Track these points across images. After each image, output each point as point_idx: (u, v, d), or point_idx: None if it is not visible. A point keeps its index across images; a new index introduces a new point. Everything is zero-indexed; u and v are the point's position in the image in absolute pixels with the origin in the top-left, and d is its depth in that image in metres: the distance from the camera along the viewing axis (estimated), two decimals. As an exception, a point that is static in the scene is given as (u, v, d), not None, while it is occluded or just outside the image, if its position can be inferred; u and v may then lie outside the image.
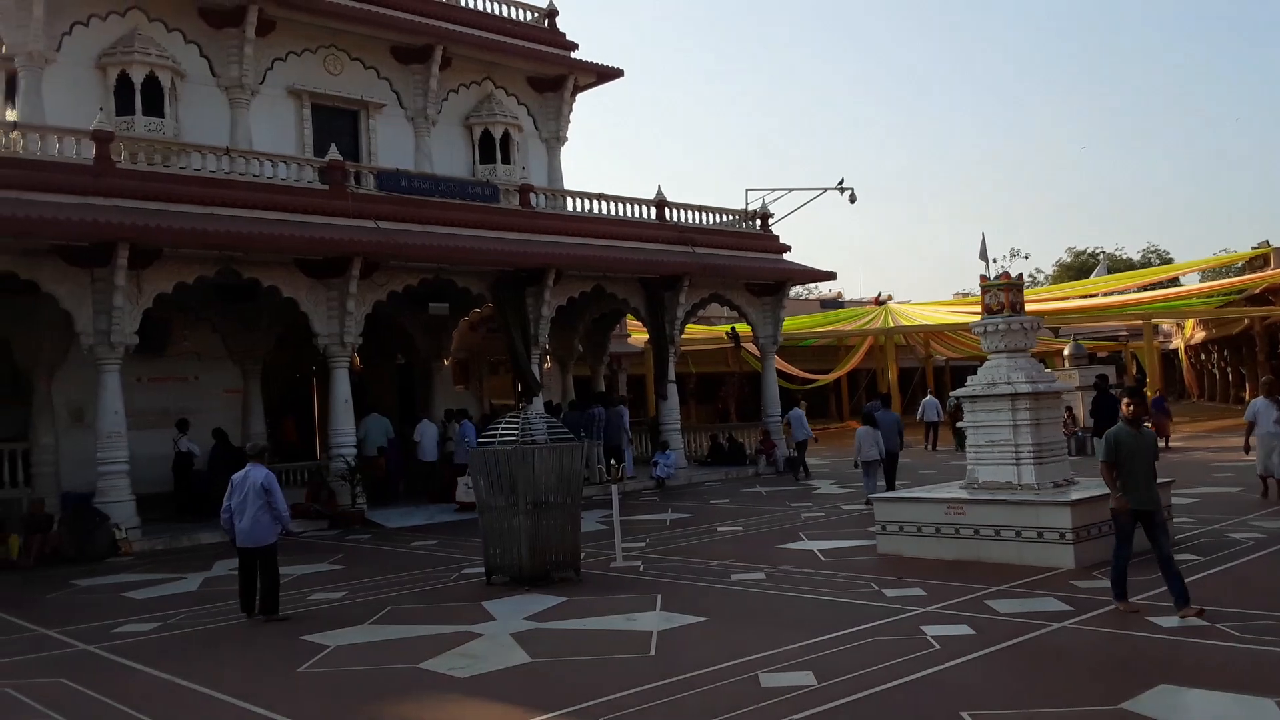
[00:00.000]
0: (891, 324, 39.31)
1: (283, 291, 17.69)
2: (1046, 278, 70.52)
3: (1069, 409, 23.60)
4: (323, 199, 18.62)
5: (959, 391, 11.92)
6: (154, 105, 19.32)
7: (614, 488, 12.85)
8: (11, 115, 18.47)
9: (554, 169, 26.32)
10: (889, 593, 9.37)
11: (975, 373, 11.94)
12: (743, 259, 25.28)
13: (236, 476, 9.94)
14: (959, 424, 12.59)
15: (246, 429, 20.30)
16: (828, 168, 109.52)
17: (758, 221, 26.67)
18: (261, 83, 21.15)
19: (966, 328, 29.30)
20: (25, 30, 18.31)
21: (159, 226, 15.74)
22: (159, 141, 18.21)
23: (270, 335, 20.70)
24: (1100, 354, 40.40)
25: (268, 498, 9.71)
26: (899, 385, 39.45)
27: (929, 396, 30.43)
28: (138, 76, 19.13)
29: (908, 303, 46.46)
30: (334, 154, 19.21)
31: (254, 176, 18.14)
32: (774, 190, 28.39)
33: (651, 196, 24.22)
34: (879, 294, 48.02)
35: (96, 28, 19.23)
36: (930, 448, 28.21)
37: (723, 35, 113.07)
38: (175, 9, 20.02)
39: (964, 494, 11.30)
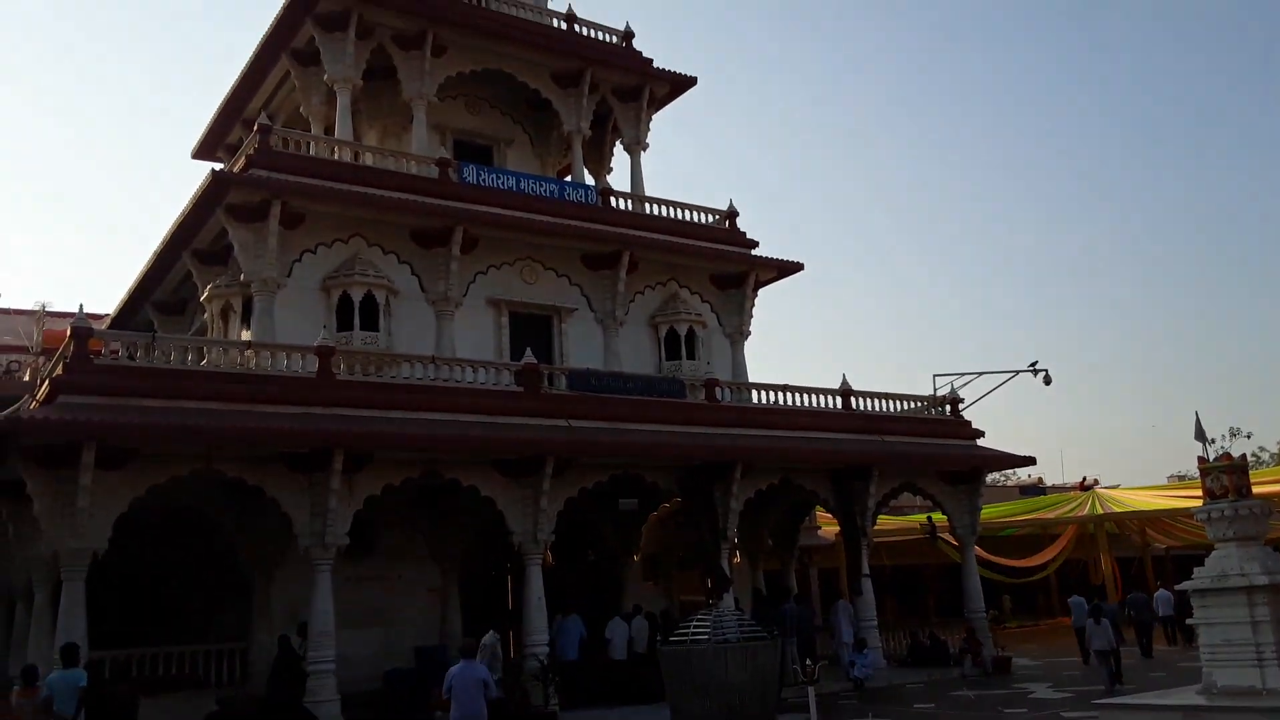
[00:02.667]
0: (1100, 510, 36.97)
1: (481, 491, 18.43)
2: (1272, 457, 65.16)
3: (1315, 602, 21.37)
4: (518, 400, 19.57)
5: (1186, 585, 11.02)
6: (370, 320, 20.99)
7: (810, 689, 12.35)
8: (246, 335, 20.44)
9: (738, 362, 26.73)
10: (1124, 814, 8.48)
11: (1201, 563, 11.05)
12: (933, 446, 24.68)
13: (454, 671, 10.44)
14: (1189, 620, 11.57)
15: (445, 627, 20.74)
16: (1019, 349, 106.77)
17: (947, 407, 26.12)
18: (464, 295, 22.70)
19: (1187, 514, 27.36)
20: (261, 260, 20.45)
21: (372, 432, 16.87)
22: (373, 354, 19.72)
23: (468, 534, 21.35)
24: (1345, 540, 36.55)
25: (486, 691, 10.24)
26: (1115, 577, 36.74)
27: (1161, 590, 29.01)
28: (357, 295, 20.92)
29: (1116, 487, 43.73)
30: (529, 357, 20.26)
31: (456, 382, 19.34)
32: (962, 375, 27.72)
33: (836, 385, 24.21)
34: (1084, 478, 45.46)
35: (323, 254, 21.28)
36: (1176, 643, 26.62)
37: (902, 221, 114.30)
38: (391, 234, 21.99)
39: (1201, 700, 10.28)
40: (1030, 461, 27.00)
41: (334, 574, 16.99)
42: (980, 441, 25.87)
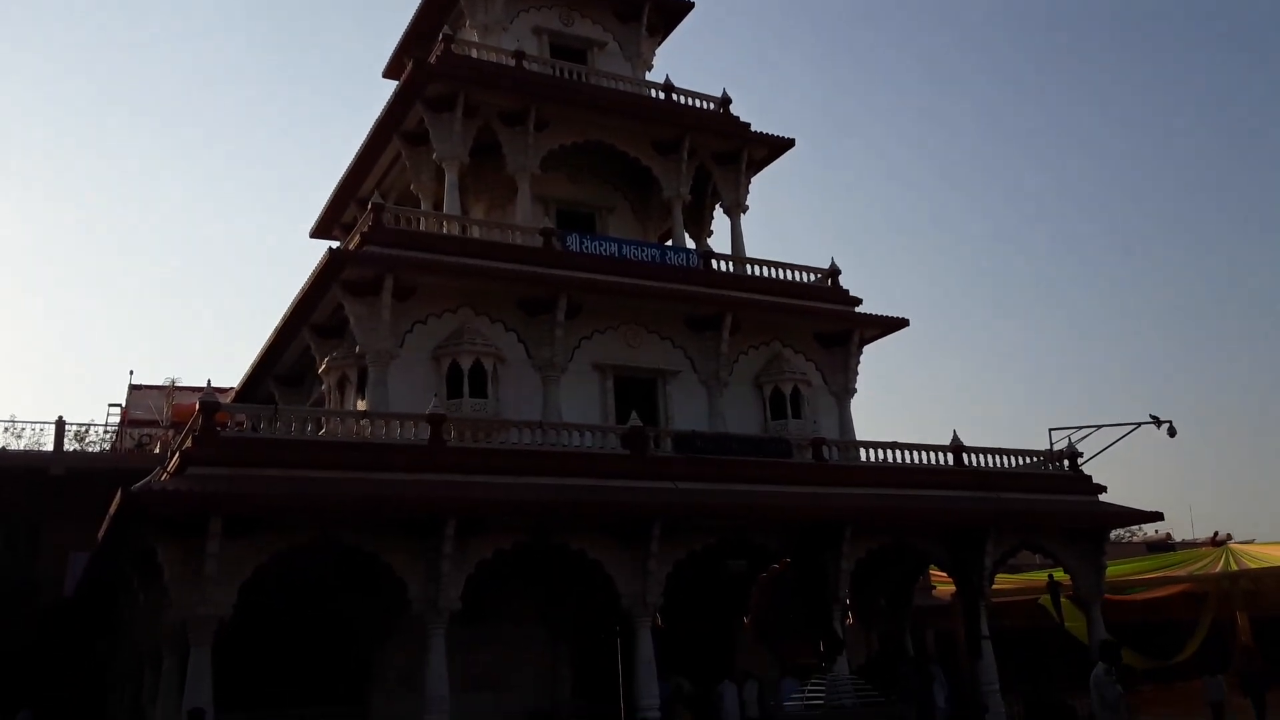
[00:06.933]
0: (1235, 567, 35.04)
1: (589, 554, 18.56)
2: None
3: None
4: (624, 463, 19.75)
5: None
6: (478, 387, 21.49)
7: (931, 757, 11.99)
8: (361, 405, 21.12)
9: (844, 421, 26.41)
10: None
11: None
12: (1052, 503, 23.91)
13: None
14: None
15: (557, 691, 20.77)
16: (1139, 399, 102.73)
17: (1065, 462, 25.32)
18: (570, 360, 23.07)
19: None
20: (375, 332, 21.20)
21: (483, 498, 17.20)
22: (482, 420, 20.16)
23: (578, 598, 21.42)
24: None
25: None
26: (1258, 640, 34.64)
27: None
28: (466, 363, 21.47)
29: (1251, 542, 41.45)
30: (634, 420, 20.44)
31: (563, 446, 19.62)
32: (1079, 428, 26.90)
33: (946, 442, 23.72)
34: (1215, 533, 43.24)
35: (433, 325, 21.93)
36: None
37: (1010, 268, 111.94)
38: (498, 303, 22.57)
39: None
40: (1157, 517, 25.93)
41: (446, 639, 17.24)
42: (1102, 497, 24.97)
